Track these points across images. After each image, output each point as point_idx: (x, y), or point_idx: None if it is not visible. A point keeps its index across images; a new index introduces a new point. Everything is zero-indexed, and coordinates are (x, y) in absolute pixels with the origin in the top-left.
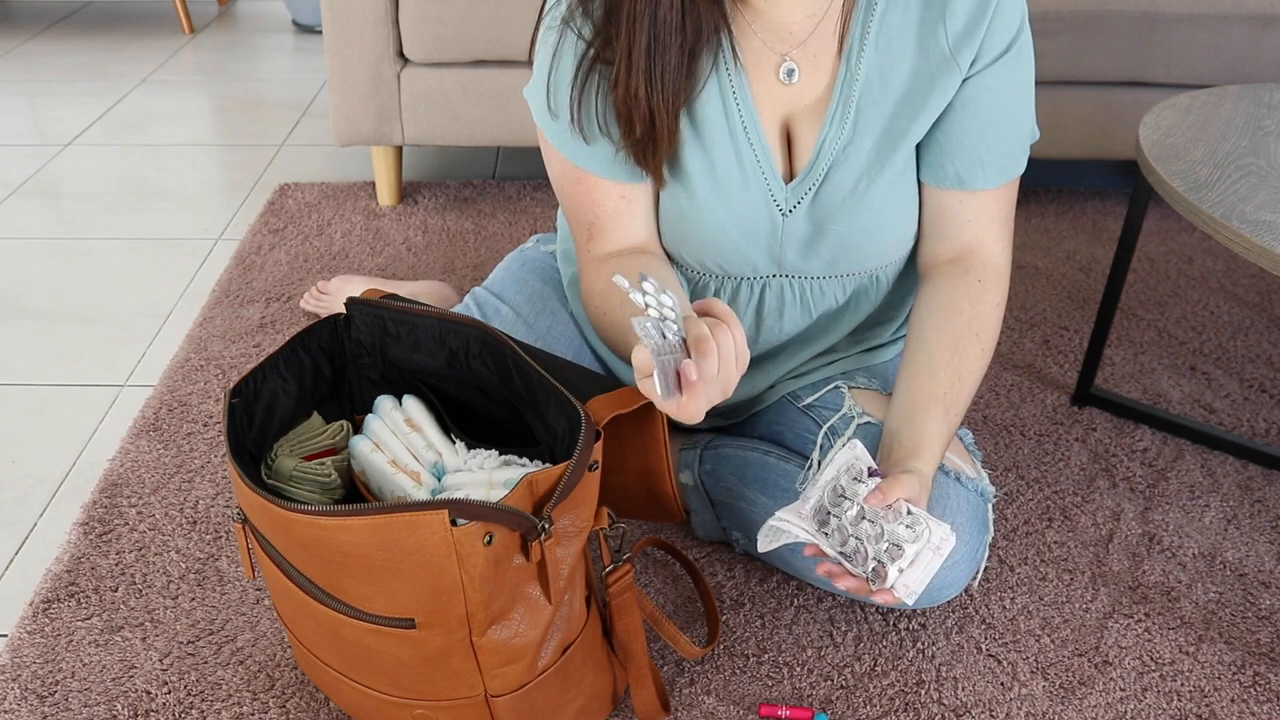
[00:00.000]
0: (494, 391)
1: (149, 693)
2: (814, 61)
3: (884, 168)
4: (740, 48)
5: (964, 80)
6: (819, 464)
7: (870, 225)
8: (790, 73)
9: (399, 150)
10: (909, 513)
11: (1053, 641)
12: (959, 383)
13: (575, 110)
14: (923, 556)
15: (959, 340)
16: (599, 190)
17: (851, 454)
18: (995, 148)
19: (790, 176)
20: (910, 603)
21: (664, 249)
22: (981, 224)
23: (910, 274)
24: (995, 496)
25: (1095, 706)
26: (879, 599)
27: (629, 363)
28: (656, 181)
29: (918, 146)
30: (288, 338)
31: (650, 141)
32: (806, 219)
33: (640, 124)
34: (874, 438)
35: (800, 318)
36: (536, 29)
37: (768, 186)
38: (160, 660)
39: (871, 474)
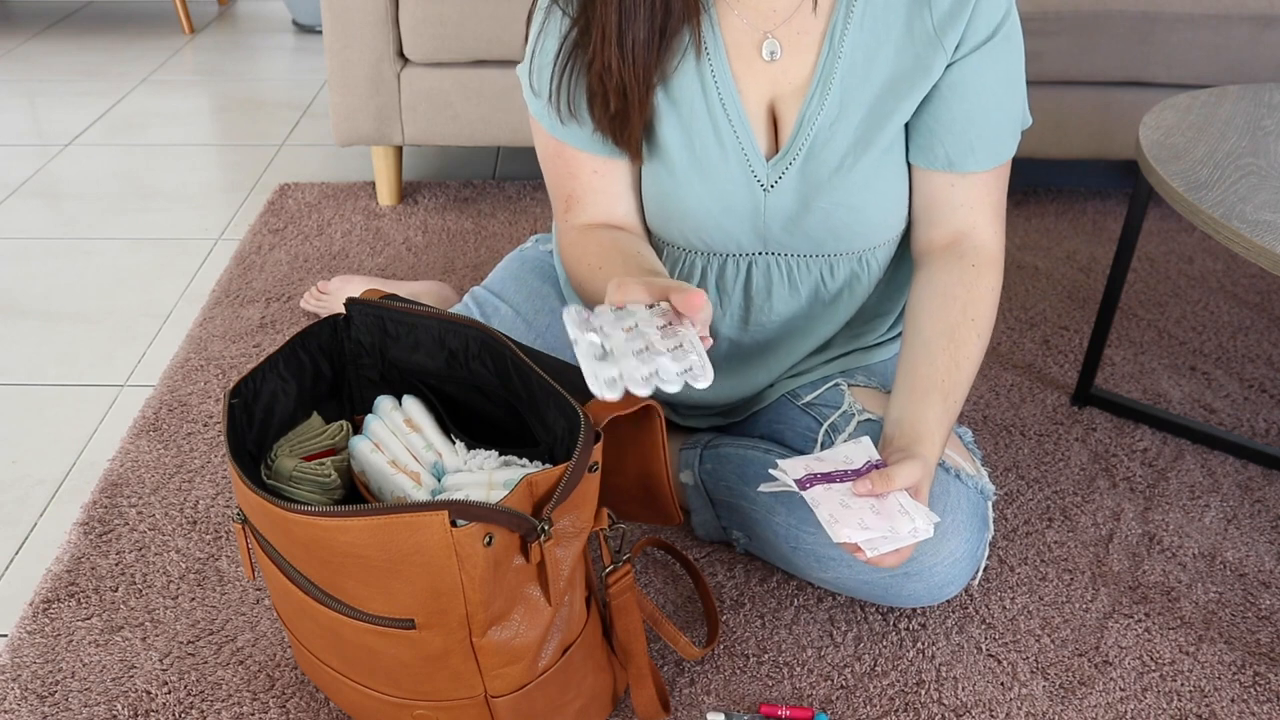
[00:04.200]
0: (493, 392)
1: (149, 693)
2: (797, 40)
3: (870, 146)
4: (721, 27)
5: (952, 64)
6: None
7: (856, 203)
8: (772, 51)
9: (399, 150)
10: (901, 508)
11: (1053, 641)
12: (956, 370)
13: (555, 87)
14: (897, 533)
15: (955, 327)
16: (575, 163)
17: (857, 448)
18: (985, 132)
19: (776, 154)
20: (869, 554)
21: (650, 228)
22: (973, 208)
23: (904, 265)
24: (995, 495)
25: (1095, 706)
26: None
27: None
28: (634, 158)
29: (909, 129)
30: (288, 338)
31: (623, 116)
32: (793, 195)
33: (614, 98)
34: (874, 434)
35: (789, 298)
36: (532, 9)
37: (747, 162)
38: (160, 660)
39: (876, 466)
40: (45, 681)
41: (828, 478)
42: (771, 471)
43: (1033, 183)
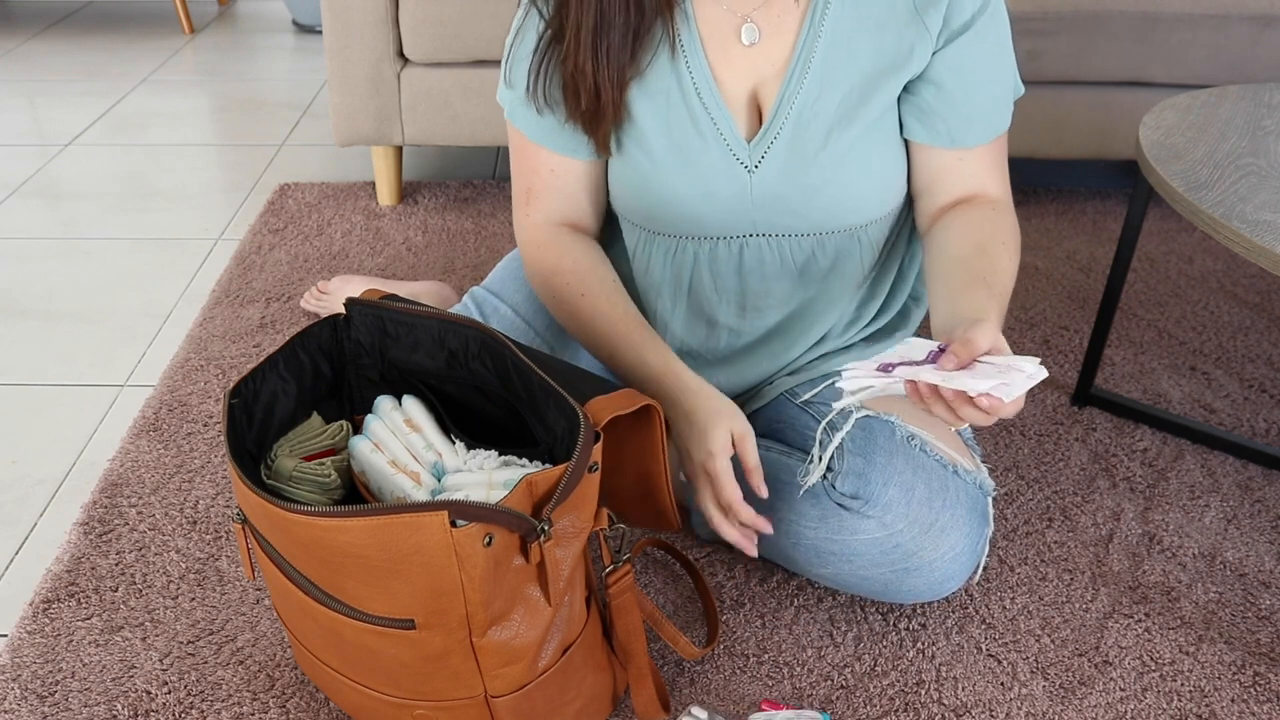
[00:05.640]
0: (493, 392)
1: (149, 693)
2: (778, 22)
3: (854, 123)
4: (697, 16)
5: (942, 45)
6: (819, 459)
7: (844, 179)
8: (751, 37)
9: (399, 150)
10: (997, 367)
11: (1053, 641)
12: (994, 273)
13: (532, 82)
14: (1014, 380)
15: (984, 244)
16: (536, 158)
17: (909, 347)
18: (982, 106)
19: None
20: (1006, 399)
21: (635, 221)
22: (980, 175)
23: (899, 246)
24: (994, 490)
25: (1095, 706)
26: (971, 412)
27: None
28: (600, 149)
29: (906, 109)
30: (288, 338)
31: (594, 113)
32: (778, 174)
33: (586, 97)
34: (874, 430)
35: (784, 278)
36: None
37: (728, 146)
38: (160, 660)
39: (941, 350)
40: (45, 681)
41: (901, 367)
42: (840, 384)
43: (1033, 183)
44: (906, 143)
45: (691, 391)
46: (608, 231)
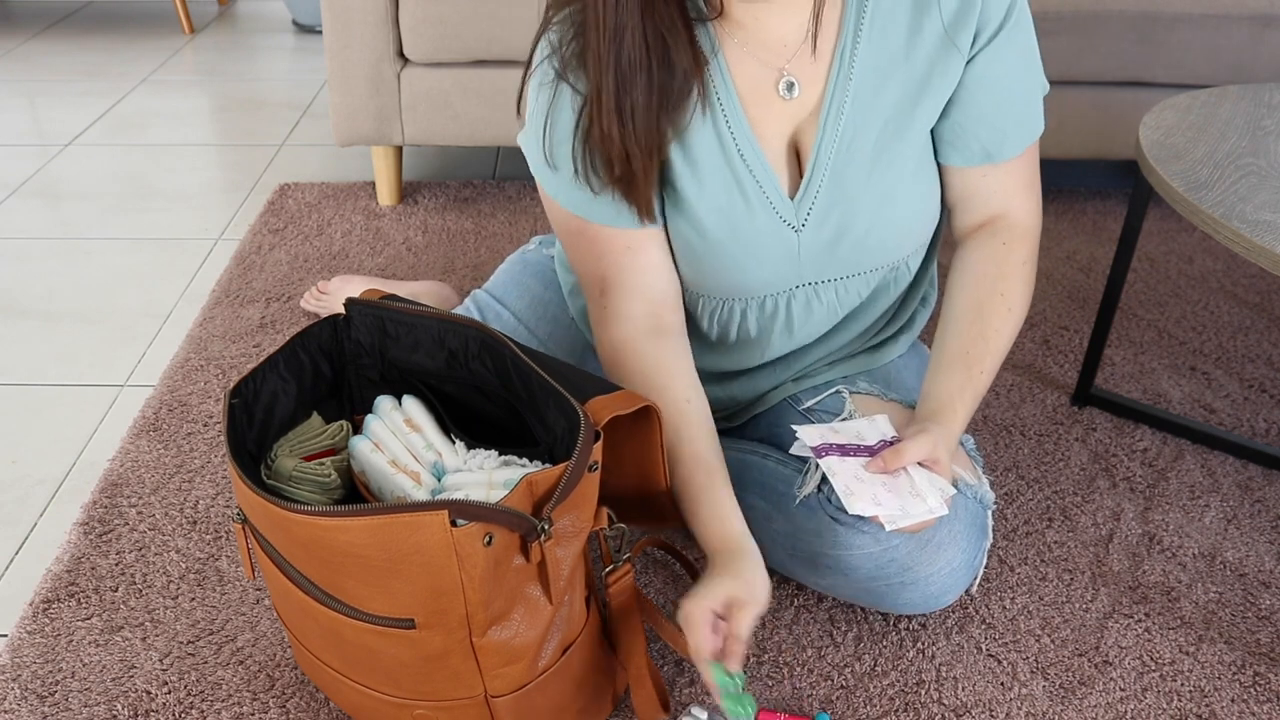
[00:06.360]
0: (493, 392)
1: (149, 693)
2: (812, 69)
3: (893, 158)
4: (733, 73)
5: (971, 58)
6: (815, 468)
7: (889, 217)
8: (790, 86)
9: (399, 150)
10: (913, 489)
11: (1053, 641)
12: (983, 341)
13: (578, 162)
14: (912, 509)
15: (983, 302)
16: (603, 242)
17: (871, 426)
18: (1014, 115)
19: (799, 191)
20: (888, 527)
21: (683, 281)
22: (1007, 192)
23: (925, 264)
24: (995, 504)
25: (1095, 706)
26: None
27: None
28: (645, 217)
29: (937, 132)
30: (288, 338)
31: (629, 180)
32: (825, 228)
33: (619, 163)
34: None
35: (828, 318)
36: (523, 84)
37: (773, 208)
38: (160, 660)
39: (890, 443)
40: (45, 681)
41: (843, 450)
42: (794, 430)
43: None
44: (938, 164)
45: (736, 549)
46: None
